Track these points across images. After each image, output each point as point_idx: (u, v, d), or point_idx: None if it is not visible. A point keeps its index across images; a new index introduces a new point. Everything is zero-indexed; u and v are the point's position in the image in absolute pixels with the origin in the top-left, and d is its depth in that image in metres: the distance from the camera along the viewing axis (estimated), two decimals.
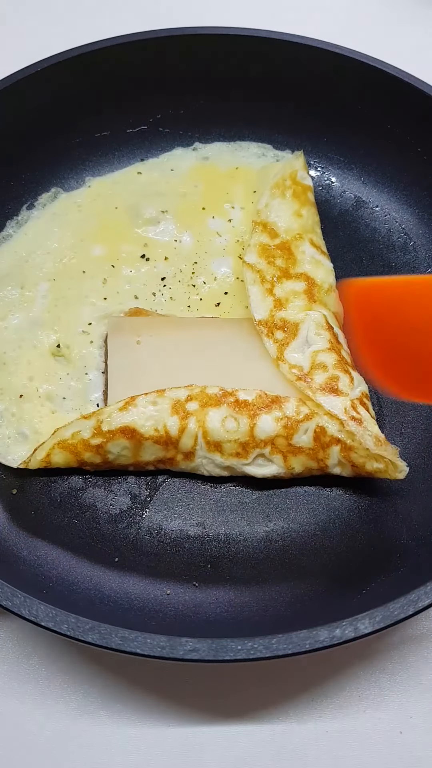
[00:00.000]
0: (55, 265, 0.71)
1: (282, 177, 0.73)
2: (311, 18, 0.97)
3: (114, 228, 0.74)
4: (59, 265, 0.71)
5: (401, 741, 0.53)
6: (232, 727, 0.54)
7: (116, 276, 0.71)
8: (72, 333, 0.68)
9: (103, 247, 0.73)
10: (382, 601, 0.48)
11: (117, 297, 0.70)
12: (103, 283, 0.71)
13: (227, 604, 0.55)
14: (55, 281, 0.70)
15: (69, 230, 0.74)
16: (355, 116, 0.78)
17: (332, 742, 0.53)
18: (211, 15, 0.94)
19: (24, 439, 0.62)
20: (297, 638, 0.46)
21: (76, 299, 0.70)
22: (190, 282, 0.70)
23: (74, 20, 0.98)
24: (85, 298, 0.70)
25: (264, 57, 0.77)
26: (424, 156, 0.75)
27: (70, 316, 0.69)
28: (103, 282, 0.71)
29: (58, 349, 0.67)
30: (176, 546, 0.59)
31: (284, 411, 0.60)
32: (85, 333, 0.68)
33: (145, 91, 0.78)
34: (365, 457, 0.59)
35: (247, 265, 0.67)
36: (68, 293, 0.70)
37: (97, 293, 0.70)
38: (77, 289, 0.70)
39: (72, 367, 0.66)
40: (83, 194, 0.76)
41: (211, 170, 0.78)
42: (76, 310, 0.69)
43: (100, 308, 0.69)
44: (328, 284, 0.67)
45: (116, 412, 0.60)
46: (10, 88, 0.72)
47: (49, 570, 0.57)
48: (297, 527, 0.60)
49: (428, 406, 0.66)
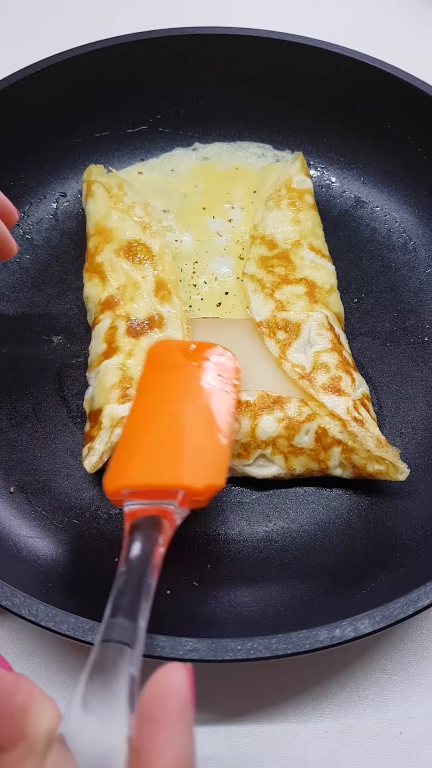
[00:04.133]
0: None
1: (275, 189, 0.73)
2: (311, 18, 0.97)
3: None
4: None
5: (401, 741, 0.53)
6: (232, 727, 0.54)
7: None
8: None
9: None
10: (382, 601, 0.48)
11: None
12: None
13: (227, 604, 0.55)
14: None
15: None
16: (355, 116, 0.78)
17: (332, 742, 0.53)
18: (211, 15, 0.94)
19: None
20: (297, 638, 0.46)
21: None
22: (191, 282, 0.70)
23: (74, 20, 0.98)
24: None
25: (264, 57, 0.77)
26: (424, 156, 0.75)
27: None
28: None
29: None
30: (176, 546, 0.59)
31: (286, 412, 0.60)
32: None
33: (145, 91, 0.78)
34: (366, 458, 0.59)
35: (248, 276, 0.67)
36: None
37: None
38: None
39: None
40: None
41: (211, 170, 0.78)
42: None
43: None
44: (329, 285, 0.67)
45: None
46: (10, 88, 0.72)
47: (49, 570, 0.56)
48: (297, 527, 0.60)
49: (428, 406, 0.66)
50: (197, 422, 0.53)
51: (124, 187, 0.72)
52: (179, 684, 0.34)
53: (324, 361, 0.62)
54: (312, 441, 0.59)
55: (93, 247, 0.69)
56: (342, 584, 0.56)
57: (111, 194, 0.71)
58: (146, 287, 0.65)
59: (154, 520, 0.47)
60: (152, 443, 0.52)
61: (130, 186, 0.73)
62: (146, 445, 0.52)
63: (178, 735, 0.32)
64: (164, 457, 0.51)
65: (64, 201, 0.78)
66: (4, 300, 0.71)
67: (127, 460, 0.51)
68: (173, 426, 0.53)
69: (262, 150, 0.79)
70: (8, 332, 0.69)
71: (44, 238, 0.75)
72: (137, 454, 0.52)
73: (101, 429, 0.59)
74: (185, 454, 0.51)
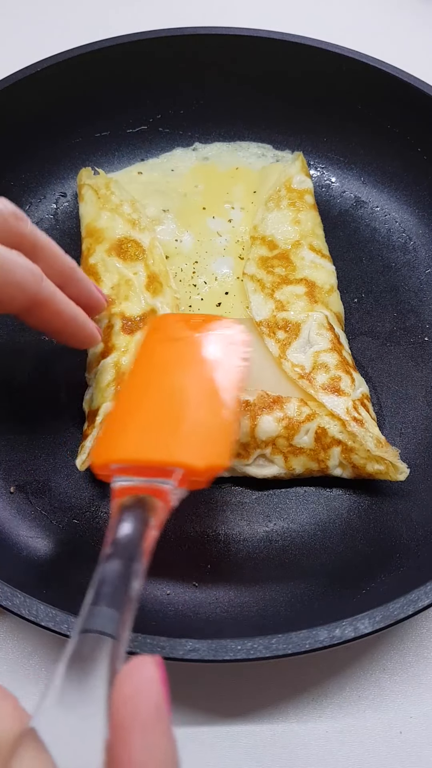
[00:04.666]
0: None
1: (275, 189, 0.73)
2: (311, 18, 0.97)
3: None
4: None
5: (401, 741, 0.53)
6: (232, 727, 0.54)
7: None
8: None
9: None
10: (382, 601, 0.48)
11: None
12: None
13: (227, 604, 0.55)
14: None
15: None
16: (355, 116, 0.78)
17: (332, 742, 0.53)
18: (211, 15, 0.94)
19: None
20: (297, 638, 0.46)
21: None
22: (191, 282, 0.70)
23: (74, 20, 0.98)
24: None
25: (264, 57, 0.77)
26: (424, 156, 0.75)
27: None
28: None
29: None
30: (176, 546, 0.59)
31: (285, 411, 0.60)
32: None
33: (145, 91, 0.78)
34: (366, 458, 0.59)
35: (248, 277, 0.67)
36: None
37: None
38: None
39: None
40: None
41: (211, 170, 0.78)
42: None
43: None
44: (329, 285, 0.67)
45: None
46: (10, 88, 0.72)
47: (49, 570, 0.56)
48: (297, 527, 0.60)
49: (428, 406, 0.66)
50: (200, 395, 0.48)
51: (111, 186, 0.72)
52: (149, 682, 0.30)
53: (324, 361, 0.62)
54: (312, 441, 0.59)
55: (86, 249, 0.69)
56: (342, 584, 0.56)
57: (99, 195, 0.71)
58: (138, 283, 0.65)
59: (146, 499, 0.42)
60: (148, 415, 0.47)
61: (117, 184, 0.73)
62: (141, 418, 0.47)
63: (155, 740, 0.29)
64: (161, 431, 0.45)
65: (64, 201, 0.78)
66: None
67: (118, 432, 0.46)
68: (173, 398, 0.48)
69: (262, 150, 0.79)
70: (8, 332, 0.69)
71: None
72: (130, 426, 0.46)
73: (95, 427, 0.59)
74: (185, 428, 0.46)
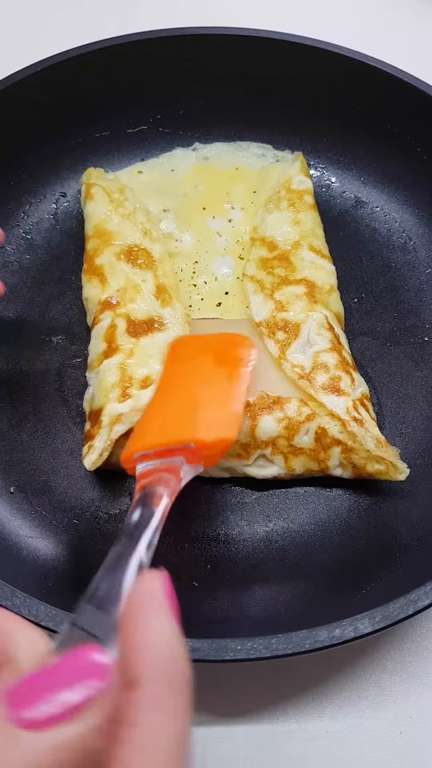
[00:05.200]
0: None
1: (275, 191, 0.73)
2: (311, 18, 0.97)
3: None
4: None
5: (401, 741, 0.53)
6: (232, 727, 0.54)
7: None
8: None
9: None
10: (382, 601, 0.48)
11: None
12: None
13: (227, 604, 0.55)
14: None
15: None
16: (355, 116, 0.78)
17: (332, 742, 0.53)
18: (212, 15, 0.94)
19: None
20: (297, 638, 0.46)
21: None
22: (191, 282, 0.70)
23: (74, 20, 0.98)
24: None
25: (264, 57, 0.77)
26: (424, 156, 0.75)
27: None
28: None
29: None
30: (176, 546, 0.59)
31: (285, 412, 0.60)
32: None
33: (145, 91, 0.78)
34: (366, 458, 0.59)
35: (248, 277, 0.67)
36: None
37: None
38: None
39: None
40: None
41: (211, 170, 0.78)
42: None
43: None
44: (329, 285, 0.67)
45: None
46: (10, 88, 0.72)
47: (49, 570, 0.56)
48: (297, 527, 0.60)
49: (428, 406, 0.66)
50: (211, 393, 0.55)
51: (125, 192, 0.72)
52: (156, 587, 0.34)
53: (323, 361, 0.62)
54: (312, 441, 0.59)
55: (92, 249, 0.69)
56: (342, 584, 0.56)
57: (112, 198, 0.71)
58: (147, 290, 0.65)
59: (159, 477, 0.48)
60: (165, 414, 0.55)
61: (131, 191, 0.73)
62: (159, 417, 0.55)
63: (159, 628, 0.32)
64: (175, 421, 0.53)
65: (64, 201, 0.78)
66: (4, 300, 0.71)
67: (141, 432, 0.54)
68: (189, 400, 0.55)
69: (262, 150, 0.79)
70: (8, 332, 0.69)
71: (44, 238, 0.75)
72: (150, 424, 0.54)
73: (101, 428, 0.59)
74: (196, 415, 0.53)
